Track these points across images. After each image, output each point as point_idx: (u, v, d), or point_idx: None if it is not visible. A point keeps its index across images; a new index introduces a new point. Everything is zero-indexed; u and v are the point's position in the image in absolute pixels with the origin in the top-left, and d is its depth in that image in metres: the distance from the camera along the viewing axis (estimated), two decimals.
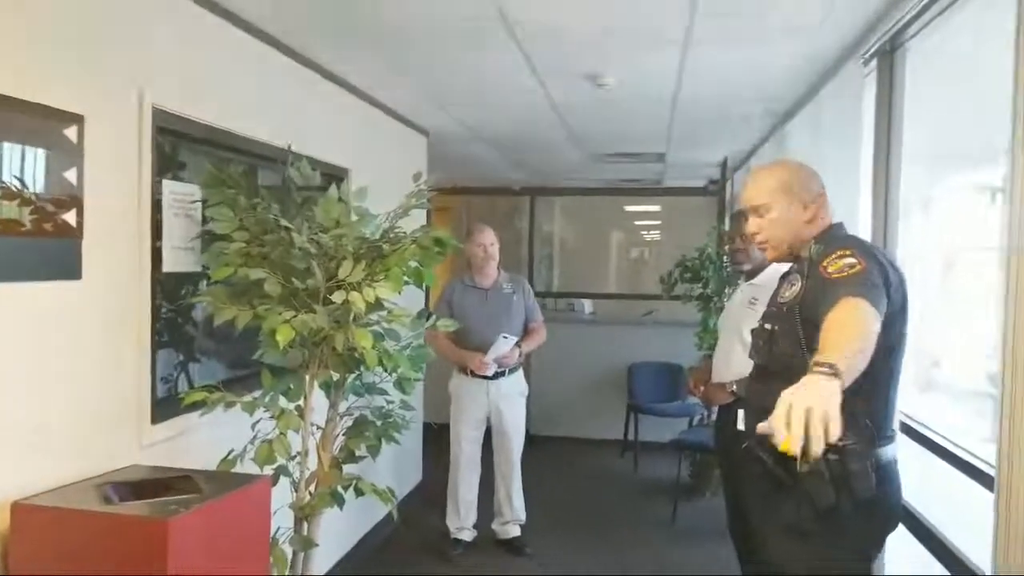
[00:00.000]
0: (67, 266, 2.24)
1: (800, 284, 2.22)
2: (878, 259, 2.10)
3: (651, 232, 9.64)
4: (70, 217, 2.22)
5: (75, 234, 2.24)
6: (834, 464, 2.00)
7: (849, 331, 1.84)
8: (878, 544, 2.24)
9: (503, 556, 4.59)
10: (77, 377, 2.30)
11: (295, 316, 2.50)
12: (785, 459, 1.99)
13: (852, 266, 2.03)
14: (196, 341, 3.08)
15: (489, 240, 4.54)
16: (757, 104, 4.51)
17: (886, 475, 2.15)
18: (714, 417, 5.58)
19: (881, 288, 2.00)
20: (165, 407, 2.69)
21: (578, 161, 6.78)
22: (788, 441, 1.87)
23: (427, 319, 3.09)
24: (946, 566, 2.30)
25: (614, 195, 8.84)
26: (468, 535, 4.65)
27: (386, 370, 2.77)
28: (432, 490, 5.26)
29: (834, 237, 2.30)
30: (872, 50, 3.16)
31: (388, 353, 2.67)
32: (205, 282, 2.90)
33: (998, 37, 2.23)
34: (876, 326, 1.87)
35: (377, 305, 2.67)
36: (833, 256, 2.10)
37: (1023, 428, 1.84)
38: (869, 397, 2.04)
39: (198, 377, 3.01)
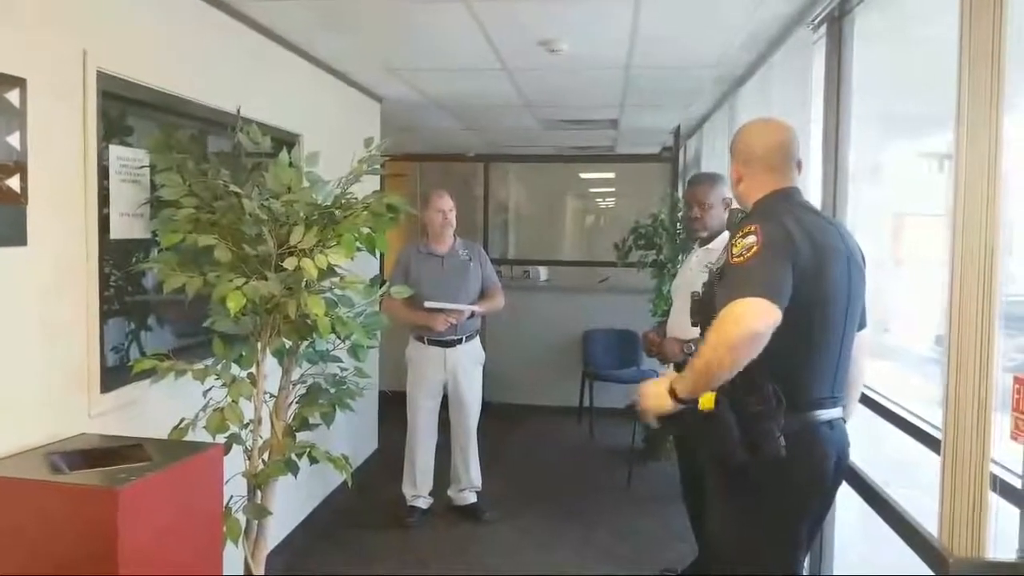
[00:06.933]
0: (12, 232, 2.19)
1: (725, 254, 2.26)
2: (787, 228, 2.13)
3: (605, 199, 9.67)
4: (13, 183, 2.17)
5: (19, 200, 2.19)
6: (741, 427, 2.12)
7: (704, 354, 2.06)
8: (805, 506, 2.27)
9: (460, 523, 4.62)
10: (23, 345, 2.26)
11: (246, 283, 2.47)
12: (707, 418, 2.12)
13: (750, 248, 2.08)
14: (146, 309, 3.03)
15: (448, 206, 4.52)
16: (708, 70, 4.53)
17: (811, 439, 2.21)
18: None
19: (779, 268, 2.06)
20: (115, 375, 2.65)
21: (532, 127, 6.75)
22: (707, 399, 2.16)
23: (380, 286, 3.07)
24: (893, 528, 2.35)
25: (568, 162, 8.83)
26: (424, 502, 4.67)
27: (339, 337, 2.76)
28: (388, 458, 5.26)
29: (762, 206, 2.32)
30: (821, 15, 3.19)
31: (341, 320, 2.66)
32: (157, 250, 2.85)
33: (943, 4, 2.26)
34: (761, 325, 1.97)
35: (329, 272, 2.65)
36: (740, 233, 2.15)
37: (967, 392, 1.89)
38: (776, 362, 2.08)
39: (148, 345, 2.96)
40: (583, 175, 9.26)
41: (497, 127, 6.88)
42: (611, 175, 9.26)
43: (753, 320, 1.98)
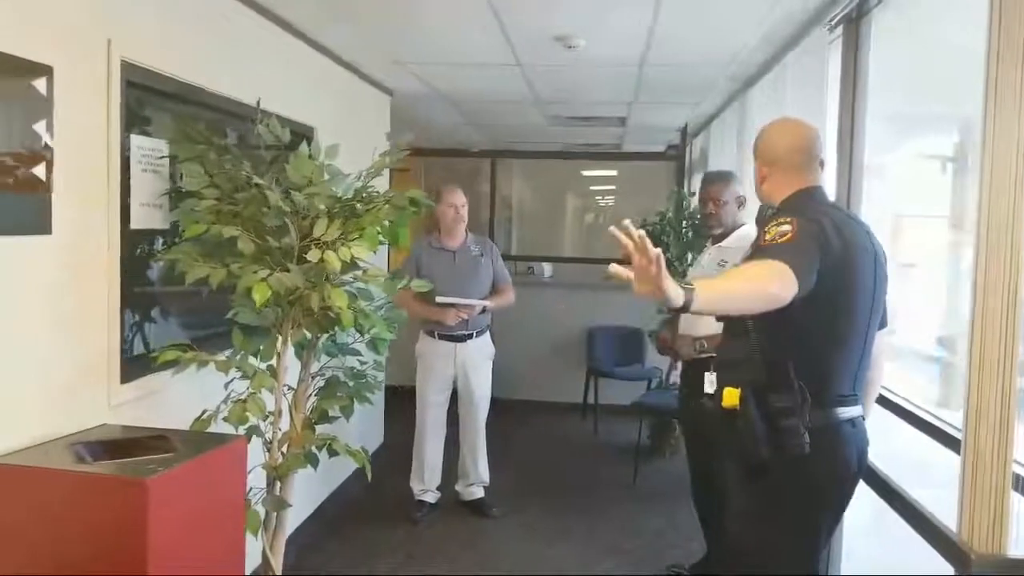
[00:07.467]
0: (37, 221, 2.17)
1: (752, 248, 2.27)
2: (820, 224, 2.13)
3: (606, 197, 9.69)
4: (40, 171, 2.16)
5: (45, 188, 2.18)
6: (766, 424, 2.13)
7: (737, 277, 2.04)
8: (826, 504, 2.28)
9: (468, 518, 4.62)
10: (45, 334, 2.25)
11: (271, 274, 2.47)
12: (730, 415, 2.11)
13: (784, 234, 2.08)
14: (159, 301, 3.00)
15: (460, 201, 4.51)
16: (722, 68, 4.54)
17: (834, 437, 2.21)
18: (672, 380, 5.70)
19: (810, 255, 2.06)
20: (134, 366, 2.64)
21: (539, 124, 6.75)
22: (731, 395, 2.16)
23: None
24: (912, 525, 2.37)
25: (576, 159, 8.83)
26: (432, 497, 4.66)
27: (360, 331, 2.76)
28: (394, 452, 5.26)
29: (791, 203, 2.32)
30: (838, 16, 3.19)
31: (364, 313, 2.66)
32: (160, 240, 2.84)
33: (957, 9, 2.28)
34: (778, 287, 1.95)
35: (352, 265, 2.65)
36: (774, 223, 2.16)
37: (989, 391, 1.91)
38: (802, 358, 2.13)
39: (162, 338, 2.93)
40: (587, 172, 9.26)
41: (503, 123, 6.89)
42: (614, 173, 9.26)
43: (778, 279, 1.97)
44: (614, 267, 1.76)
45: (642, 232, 1.72)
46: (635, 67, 4.54)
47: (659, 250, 1.71)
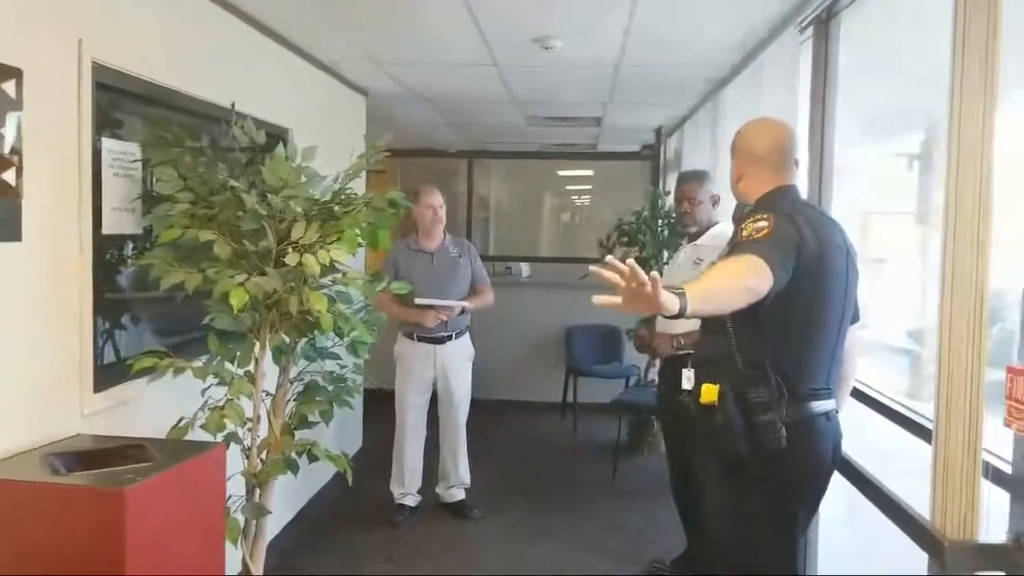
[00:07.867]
0: (6, 228, 2.13)
1: (730, 245, 2.30)
2: (795, 222, 2.17)
3: (582, 197, 9.71)
4: (9, 176, 2.11)
5: (14, 194, 2.14)
6: (744, 419, 2.16)
7: (717, 275, 2.05)
8: (802, 497, 2.31)
9: (449, 520, 4.61)
10: (15, 344, 2.20)
11: (248, 279, 2.44)
12: (708, 411, 2.13)
13: (760, 230, 2.13)
14: (131, 307, 2.94)
15: (438, 202, 4.49)
16: (696, 70, 4.56)
17: (809, 431, 2.24)
18: (650, 377, 5.73)
19: (785, 250, 2.09)
20: (107, 374, 2.59)
21: (516, 124, 6.74)
22: (710, 391, 2.18)
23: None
24: (886, 514, 2.40)
25: (552, 159, 8.83)
26: (412, 500, 4.64)
27: (340, 334, 2.74)
28: (373, 456, 5.23)
29: (767, 201, 2.35)
30: (809, 18, 3.23)
31: (344, 316, 2.64)
32: (132, 245, 2.80)
33: (923, 9, 2.32)
34: (754, 280, 1.99)
35: (331, 268, 2.63)
36: (751, 219, 2.19)
37: (960, 381, 1.93)
38: (778, 353, 2.17)
39: (134, 345, 2.87)
40: (563, 172, 9.28)
41: (480, 123, 6.88)
42: (589, 172, 9.29)
43: (756, 273, 2.01)
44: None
45: (631, 261, 1.70)
46: (611, 68, 4.55)
47: (655, 273, 1.71)
